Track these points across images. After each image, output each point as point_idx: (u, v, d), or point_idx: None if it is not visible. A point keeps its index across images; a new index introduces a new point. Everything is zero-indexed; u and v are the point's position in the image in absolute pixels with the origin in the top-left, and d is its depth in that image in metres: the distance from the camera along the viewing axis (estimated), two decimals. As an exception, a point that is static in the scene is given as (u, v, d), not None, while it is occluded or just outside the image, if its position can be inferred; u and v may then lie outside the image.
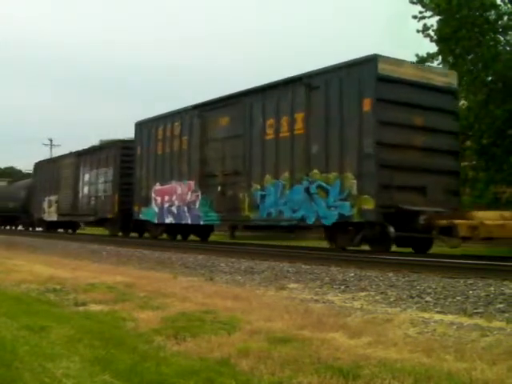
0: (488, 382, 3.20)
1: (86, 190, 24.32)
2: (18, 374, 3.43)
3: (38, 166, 31.93)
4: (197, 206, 16.39)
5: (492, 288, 6.72)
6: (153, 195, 18.65)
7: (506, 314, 5.41)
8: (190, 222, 16.92)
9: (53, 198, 27.90)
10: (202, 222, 16.55)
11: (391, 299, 6.56)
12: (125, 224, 21.75)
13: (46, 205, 28.82)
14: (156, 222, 18.60)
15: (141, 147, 19.59)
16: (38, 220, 30.47)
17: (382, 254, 11.55)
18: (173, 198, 17.54)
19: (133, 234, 23.05)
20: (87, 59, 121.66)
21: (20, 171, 60.36)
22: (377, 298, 6.73)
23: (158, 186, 18.44)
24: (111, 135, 55.47)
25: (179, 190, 17.22)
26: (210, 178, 15.86)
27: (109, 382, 3.27)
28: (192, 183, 16.66)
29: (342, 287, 7.59)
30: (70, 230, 30.18)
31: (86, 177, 24.30)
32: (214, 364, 3.64)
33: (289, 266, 9.87)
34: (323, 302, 6.40)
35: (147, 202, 18.92)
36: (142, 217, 19.40)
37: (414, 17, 21.22)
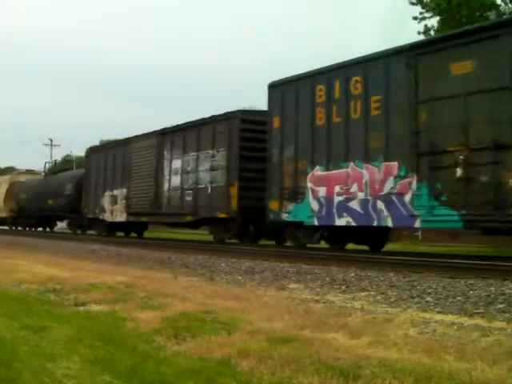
0: (488, 383, 3.20)
1: (175, 180, 17.78)
2: (18, 373, 3.43)
3: (93, 151, 24.46)
4: (407, 198, 10.79)
5: (492, 288, 6.72)
6: (308, 185, 12.73)
7: (507, 314, 5.40)
8: (391, 224, 11.26)
9: (118, 192, 21.12)
10: (418, 224, 10.99)
11: (392, 299, 6.56)
12: (245, 226, 15.84)
13: (106, 201, 22.04)
14: (315, 223, 12.60)
15: (281, 118, 13.44)
16: (94, 221, 23.55)
17: (382, 254, 11.54)
18: (351, 189, 11.78)
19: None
20: (87, 59, 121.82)
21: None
22: (377, 298, 6.73)
23: (318, 172, 12.58)
24: (111, 135, 55.38)
25: (366, 176, 11.58)
26: (436, 155, 10.43)
27: (109, 382, 3.26)
28: (394, 165, 11.10)
29: (343, 287, 7.59)
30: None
31: (176, 163, 17.74)
32: (214, 364, 3.64)
33: (289, 266, 9.87)
34: (323, 302, 6.39)
35: (296, 195, 12.99)
36: (286, 217, 13.30)
37: (415, 18, 21.28)
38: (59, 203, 26.60)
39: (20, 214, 32.66)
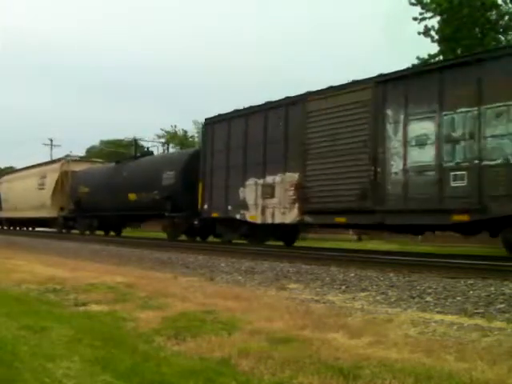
0: (488, 383, 3.20)
1: (420, 155, 11.19)
2: (19, 374, 3.43)
3: (217, 122, 16.55)
4: None
5: (492, 288, 6.72)
6: None
7: (507, 315, 5.41)
8: None
9: (278, 179, 14.07)
10: None
11: (392, 299, 6.56)
12: None
13: (251, 193, 14.81)
14: None
15: None
16: (222, 223, 16.29)
17: (382, 254, 11.55)
18: None
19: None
20: (87, 59, 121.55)
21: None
22: (377, 298, 6.73)
23: None
24: (111, 135, 55.31)
25: None
26: None
27: (109, 382, 3.27)
28: None
29: (343, 287, 7.59)
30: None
31: (420, 127, 11.18)
32: (214, 364, 3.64)
33: (289, 266, 9.87)
34: (324, 303, 6.40)
35: None
36: None
37: (415, 18, 21.28)
38: (150, 198, 18.97)
39: (79, 214, 24.69)
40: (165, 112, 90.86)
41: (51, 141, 60.79)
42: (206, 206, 16.38)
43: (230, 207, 15.47)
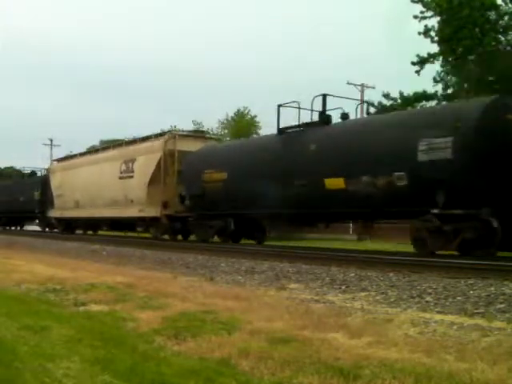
0: (488, 383, 3.20)
1: None
2: (19, 374, 3.43)
3: None
4: None
5: (493, 288, 6.71)
6: None
7: (507, 314, 5.40)
8: None
9: None
10: None
11: (392, 299, 6.56)
12: None
13: None
14: None
15: None
16: None
17: (382, 254, 11.54)
18: None
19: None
20: (87, 60, 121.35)
21: (19, 171, 60.05)
22: (377, 298, 6.73)
23: None
24: (111, 135, 55.22)
25: None
26: None
27: (109, 382, 3.26)
28: None
29: (343, 287, 7.59)
30: None
31: None
32: (214, 364, 3.64)
33: (289, 266, 9.86)
34: (324, 302, 6.39)
35: None
36: None
37: (415, 17, 21.31)
38: (383, 185, 11.26)
39: (201, 213, 16.54)
40: (165, 112, 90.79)
41: (51, 141, 60.64)
42: None
43: None
